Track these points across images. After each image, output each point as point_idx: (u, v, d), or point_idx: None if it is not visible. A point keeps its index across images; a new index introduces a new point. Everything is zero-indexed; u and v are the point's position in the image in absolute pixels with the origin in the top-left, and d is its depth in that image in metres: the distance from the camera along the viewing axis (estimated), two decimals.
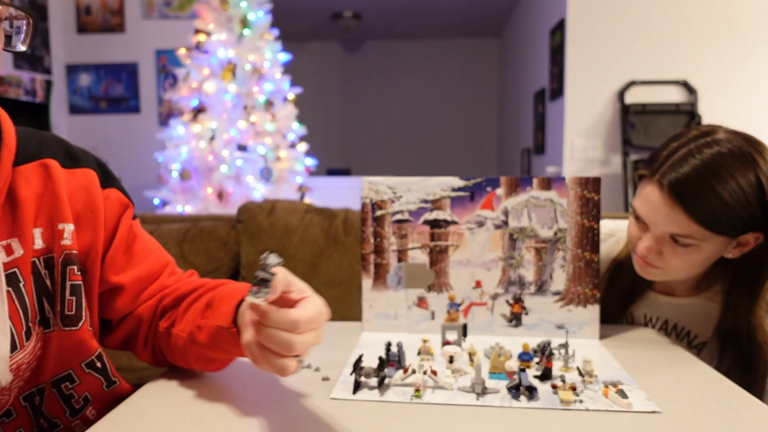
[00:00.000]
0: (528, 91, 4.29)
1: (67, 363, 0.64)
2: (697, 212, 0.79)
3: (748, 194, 0.78)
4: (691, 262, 0.85)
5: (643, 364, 0.77)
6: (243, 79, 3.02)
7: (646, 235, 0.87)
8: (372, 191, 0.94)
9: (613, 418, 0.60)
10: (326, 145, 6.07)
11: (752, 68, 2.97)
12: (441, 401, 0.64)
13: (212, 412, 0.61)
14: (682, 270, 0.87)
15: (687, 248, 0.83)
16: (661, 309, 1.00)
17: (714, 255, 0.85)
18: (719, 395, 0.67)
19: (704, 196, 0.78)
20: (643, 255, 0.87)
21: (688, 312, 0.97)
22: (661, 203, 0.81)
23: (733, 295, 0.90)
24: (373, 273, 0.94)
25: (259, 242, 1.48)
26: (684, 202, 0.79)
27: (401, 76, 6.09)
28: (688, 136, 0.84)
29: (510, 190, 0.91)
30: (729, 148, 0.80)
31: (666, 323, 0.99)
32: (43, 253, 0.60)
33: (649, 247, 0.86)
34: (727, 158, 0.79)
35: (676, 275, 0.89)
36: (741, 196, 0.78)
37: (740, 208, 0.78)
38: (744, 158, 0.79)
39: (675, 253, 0.84)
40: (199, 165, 2.95)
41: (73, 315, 0.62)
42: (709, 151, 0.80)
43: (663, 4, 2.98)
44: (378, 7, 4.95)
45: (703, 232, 0.80)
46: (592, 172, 3.10)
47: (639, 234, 0.89)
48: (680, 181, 0.79)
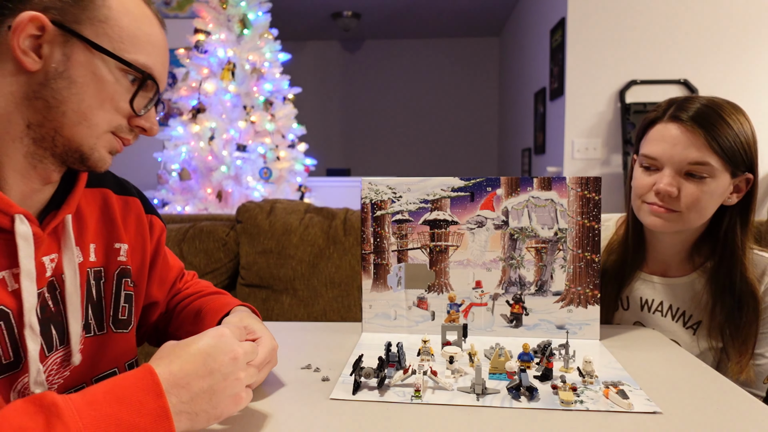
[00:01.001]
0: (528, 90, 4.29)
1: (115, 362, 0.71)
2: (715, 138, 0.87)
3: (746, 134, 0.89)
4: (702, 202, 0.90)
5: (644, 365, 0.77)
6: (242, 79, 3.02)
7: (664, 172, 0.90)
8: (372, 191, 0.94)
9: (613, 418, 0.60)
10: (326, 145, 6.07)
11: (753, 67, 2.97)
12: (441, 402, 0.64)
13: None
14: (696, 209, 0.90)
15: (701, 182, 0.89)
16: (657, 291, 1.02)
17: (719, 197, 0.91)
18: (720, 396, 0.67)
19: (720, 125, 0.87)
20: (665, 191, 0.89)
21: (682, 292, 1.01)
22: (680, 134, 0.89)
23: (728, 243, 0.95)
24: (373, 273, 0.94)
25: (258, 242, 1.47)
26: (705, 128, 0.87)
27: (401, 75, 6.09)
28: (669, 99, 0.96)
29: (510, 190, 0.91)
30: (717, 100, 0.92)
31: (661, 305, 1.02)
32: (94, 266, 0.69)
33: (670, 182, 0.89)
34: (722, 104, 0.90)
35: (688, 218, 0.92)
36: (743, 133, 0.89)
37: (743, 144, 0.88)
38: (734, 106, 0.91)
39: (690, 189, 0.89)
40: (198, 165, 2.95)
41: (125, 320, 0.72)
42: (705, 99, 0.91)
43: (663, 4, 2.98)
44: (378, 6, 4.94)
45: (717, 161, 0.87)
46: (592, 172, 3.10)
47: (651, 181, 0.92)
48: (698, 113, 0.88)
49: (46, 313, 0.62)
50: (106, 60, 0.58)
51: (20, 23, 0.54)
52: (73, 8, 0.56)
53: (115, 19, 0.58)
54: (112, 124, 0.61)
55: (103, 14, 0.57)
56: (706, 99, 0.92)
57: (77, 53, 0.56)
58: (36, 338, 0.58)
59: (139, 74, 0.60)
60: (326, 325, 0.99)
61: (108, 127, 0.60)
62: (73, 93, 0.57)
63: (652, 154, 0.92)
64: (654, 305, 1.02)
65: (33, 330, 0.58)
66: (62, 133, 0.58)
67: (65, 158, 0.60)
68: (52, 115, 0.57)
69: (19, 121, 0.57)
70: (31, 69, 0.55)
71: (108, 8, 0.58)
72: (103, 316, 0.69)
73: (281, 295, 1.46)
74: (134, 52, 0.59)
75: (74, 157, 0.60)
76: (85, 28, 0.56)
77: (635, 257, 1.02)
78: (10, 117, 0.56)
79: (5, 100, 0.56)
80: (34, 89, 0.56)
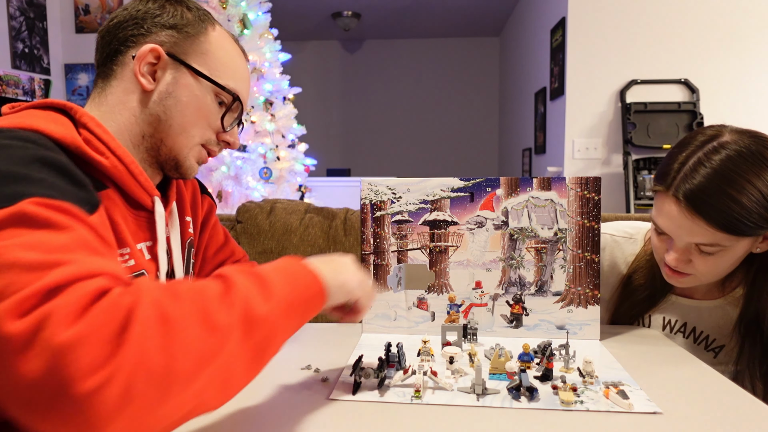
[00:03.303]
0: (528, 90, 4.29)
1: None
2: (718, 221, 0.78)
3: (766, 194, 0.78)
4: (720, 265, 0.85)
5: (644, 365, 0.77)
6: None
7: (672, 248, 0.86)
8: (371, 192, 0.93)
9: (613, 418, 0.60)
10: (326, 145, 6.07)
11: (753, 67, 2.97)
12: (441, 402, 0.64)
13: (213, 412, 0.61)
14: (713, 274, 0.87)
15: (713, 255, 0.83)
16: (682, 312, 0.98)
17: (742, 254, 0.85)
18: (720, 396, 0.67)
19: (723, 203, 0.77)
20: (672, 266, 0.87)
21: (708, 315, 0.96)
22: (682, 217, 0.81)
23: (757, 284, 0.89)
24: (373, 274, 0.94)
25: (258, 242, 1.47)
26: (704, 213, 0.78)
27: (401, 75, 6.09)
28: (694, 144, 0.83)
29: (510, 190, 0.91)
30: (737, 150, 0.79)
31: (684, 326, 0.98)
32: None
33: (677, 259, 0.85)
34: (738, 161, 0.78)
35: (706, 280, 0.89)
36: (759, 197, 0.77)
37: (760, 207, 0.78)
38: (755, 159, 0.78)
39: (703, 260, 0.84)
40: None
41: None
42: (718, 157, 0.79)
43: (663, 4, 2.98)
44: (378, 6, 4.94)
45: (728, 238, 0.80)
46: (593, 172, 3.10)
47: (663, 246, 0.88)
48: (696, 193, 0.79)
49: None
50: (205, 84, 0.72)
51: (143, 53, 0.69)
52: (183, 42, 0.71)
53: (213, 53, 0.73)
54: (204, 137, 0.74)
55: (204, 48, 0.72)
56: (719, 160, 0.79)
57: (183, 77, 0.71)
58: None
59: (230, 96, 0.74)
60: (326, 326, 0.99)
61: (200, 140, 0.74)
62: (179, 110, 0.71)
63: (659, 227, 0.86)
64: (676, 326, 0.99)
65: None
66: (166, 143, 0.72)
67: (165, 165, 0.74)
68: (161, 127, 0.71)
69: (137, 130, 0.71)
70: (147, 89, 0.70)
71: (209, 43, 0.73)
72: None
73: None
74: (226, 78, 0.73)
75: (171, 164, 0.74)
76: (190, 58, 0.71)
77: (666, 284, 0.95)
78: (131, 127, 0.70)
79: (129, 112, 0.70)
80: (149, 105, 0.70)
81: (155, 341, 0.42)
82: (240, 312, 0.49)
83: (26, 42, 3.57)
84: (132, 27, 0.70)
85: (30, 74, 3.77)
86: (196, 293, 0.49)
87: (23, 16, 3.50)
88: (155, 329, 0.42)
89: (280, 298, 0.54)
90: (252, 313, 0.50)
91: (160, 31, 0.70)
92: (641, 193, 2.86)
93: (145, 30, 0.70)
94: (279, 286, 0.55)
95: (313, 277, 0.59)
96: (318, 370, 0.75)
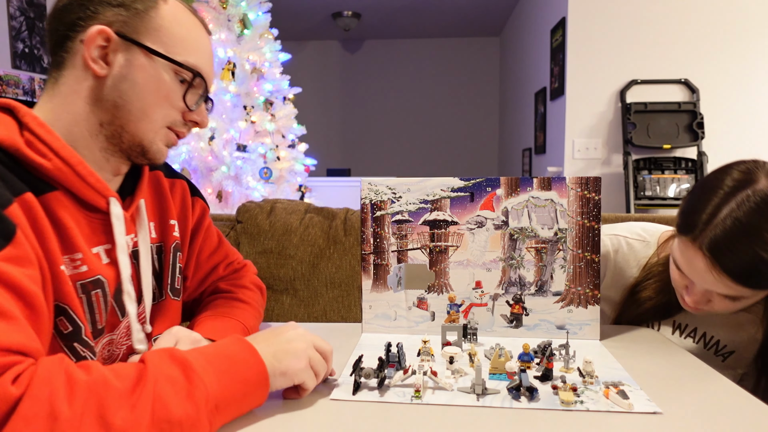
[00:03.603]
0: (529, 90, 4.29)
1: (169, 325, 0.77)
2: (746, 279, 0.75)
3: None
4: (741, 306, 0.84)
5: (644, 365, 0.77)
6: (242, 79, 3.02)
7: (693, 289, 0.84)
8: (372, 192, 0.93)
9: (614, 418, 0.60)
10: (326, 145, 6.07)
11: (753, 67, 2.97)
12: (441, 402, 0.64)
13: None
14: (733, 311, 0.87)
15: (735, 301, 0.82)
16: (694, 317, 0.98)
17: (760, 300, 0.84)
18: (720, 396, 0.67)
19: (753, 263, 0.73)
20: (691, 306, 0.86)
21: (720, 322, 0.96)
22: (706, 270, 0.77)
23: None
24: (373, 274, 0.94)
25: (258, 242, 1.47)
26: (731, 272, 0.75)
27: (401, 75, 6.09)
28: (724, 189, 0.77)
29: (510, 190, 0.91)
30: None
31: (695, 331, 0.98)
32: (155, 242, 0.78)
33: (697, 301, 0.84)
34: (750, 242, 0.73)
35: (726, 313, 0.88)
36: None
37: None
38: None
39: (724, 303, 0.83)
40: (198, 165, 2.95)
41: (179, 288, 0.82)
42: (750, 209, 0.74)
43: (664, 4, 2.98)
44: (378, 6, 4.94)
45: (753, 292, 0.78)
46: (593, 172, 3.10)
47: (683, 282, 0.86)
48: (725, 251, 0.74)
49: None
50: (161, 62, 0.67)
51: (91, 36, 0.64)
52: (133, 20, 0.66)
53: (167, 28, 0.67)
54: (168, 119, 0.69)
55: (157, 24, 0.67)
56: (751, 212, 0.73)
57: (137, 58, 0.66)
58: (133, 303, 0.70)
59: (190, 73, 0.69)
60: (326, 326, 0.99)
61: (165, 122, 0.69)
62: (136, 93, 0.66)
63: (681, 269, 0.83)
64: (687, 330, 0.98)
65: (130, 296, 0.70)
66: (127, 129, 0.67)
67: (130, 152, 0.69)
68: (120, 114, 0.66)
69: (93, 120, 0.66)
70: (100, 74, 0.65)
71: (161, 18, 0.67)
72: (162, 284, 0.79)
73: (281, 296, 1.46)
74: (185, 54, 0.68)
75: (137, 151, 0.69)
76: (143, 36, 0.66)
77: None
78: (87, 117, 0.66)
79: (83, 102, 0.66)
80: (104, 92, 0.65)
81: None
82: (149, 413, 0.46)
83: (26, 42, 3.57)
84: (77, 9, 0.65)
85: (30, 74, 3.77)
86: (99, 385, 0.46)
87: (23, 16, 3.50)
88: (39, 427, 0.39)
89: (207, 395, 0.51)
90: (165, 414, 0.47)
91: (107, 11, 0.65)
92: (641, 193, 2.86)
93: (91, 11, 0.64)
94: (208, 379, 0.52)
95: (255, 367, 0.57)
96: None
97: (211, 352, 0.57)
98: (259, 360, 0.58)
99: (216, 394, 0.53)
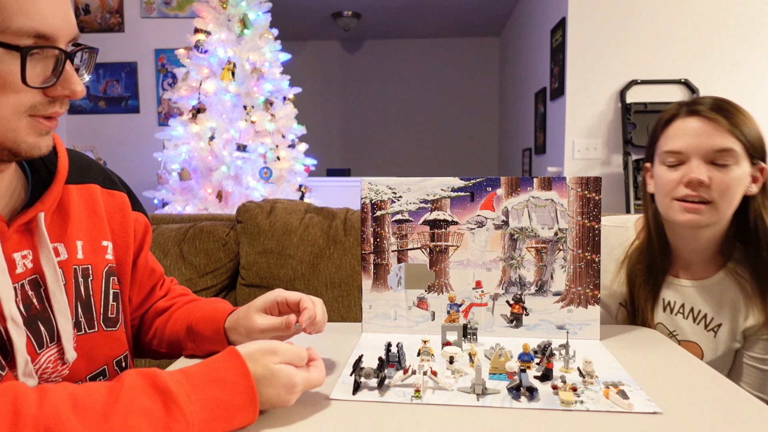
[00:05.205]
0: (529, 90, 4.29)
1: (104, 360, 0.71)
2: (737, 125, 0.91)
3: (757, 125, 0.94)
4: (732, 189, 0.92)
5: (644, 365, 0.77)
6: (242, 79, 3.02)
7: (692, 163, 0.93)
8: (372, 191, 0.93)
9: (613, 418, 0.60)
10: (326, 145, 6.07)
11: (753, 67, 2.97)
12: (441, 402, 0.64)
13: None
14: (726, 198, 0.93)
15: (727, 169, 0.92)
16: (681, 293, 1.03)
17: (744, 184, 0.94)
18: (720, 396, 0.67)
19: (737, 114, 0.93)
20: (698, 180, 0.92)
21: (706, 294, 1.01)
22: (703, 125, 0.93)
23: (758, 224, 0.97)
24: (373, 273, 0.94)
25: (258, 242, 1.47)
26: (726, 117, 0.92)
27: (401, 75, 6.09)
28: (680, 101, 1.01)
29: (510, 190, 0.91)
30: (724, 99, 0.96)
31: (683, 307, 1.03)
32: (82, 264, 0.68)
33: (701, 171, 0.92)
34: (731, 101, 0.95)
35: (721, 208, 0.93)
36: (755, 124, 0.94)
37: (758, 133, 0.94)
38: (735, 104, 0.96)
39: (719, 177, 0.92)
40: (198, 165, 2.95)
41: (114, 318, 0.73)
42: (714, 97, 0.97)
43: (664, 4, 2.98)
44: (378, 6, 4.94)
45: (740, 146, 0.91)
46: (593, 172, 3.10)
47: (678, 176, 0.95)
48: (715, 104, 0.94)
49: (32, 310, 0.62)
50: None
51: None
52: None
53: None
54: (23, 108, 0.54)
55: None
56: (714, 97, 0.97)
57: None
58: (20, 330, 0.58)
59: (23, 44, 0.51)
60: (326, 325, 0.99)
61: (20, 113, 0.54)
62: None
63: (676, 149, 0.95)
64: (676, 307, 1.03)
65: (15, 322, 0.57)
66: None
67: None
68: None
69: None
70: None
71: None
72: (93, 315, 0.69)
73: None
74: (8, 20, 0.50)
75: (4, 155, 0.55)
76: None
77: (663, 263, 1.02)
78: None
79: None
80: None
81: None
82: None
83: None
84: None
85: None
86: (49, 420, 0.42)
87: None
88: None
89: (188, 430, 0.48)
90: None
91: None
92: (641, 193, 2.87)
93: None
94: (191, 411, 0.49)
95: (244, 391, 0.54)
96: None
97: (201, 374, 0.53)
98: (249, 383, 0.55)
99: (199, 427, 0.50)
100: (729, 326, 1.00)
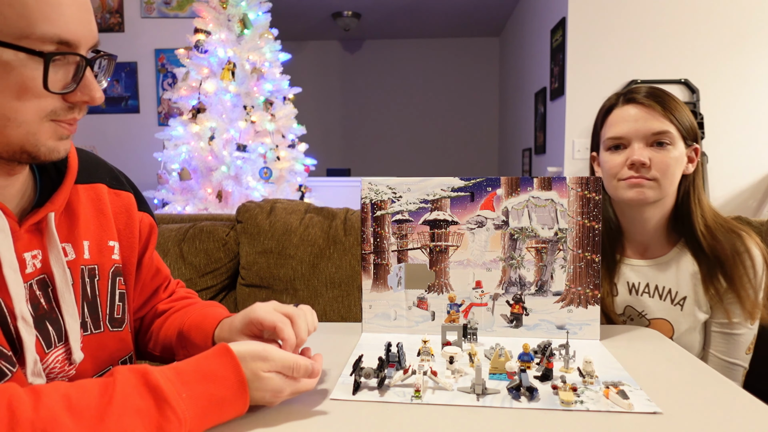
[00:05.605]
0: (529, 90, 4.29)
1: (110, 360, 0.71)
2: (670, 110, 0.99)
3: (688, 111, 1.02)
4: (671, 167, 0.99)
5: (644, 365, 0.77)
6: (242, 79, 3.02)
7: (633, 146, 1.00)
8: (372, 191, 0.93)
9: (613, 418, 0.60)
10: (326, 145, 6.07)
11: (753, 67, 2.97)
12: (441, 402, 0.64)
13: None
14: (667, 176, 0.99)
15: (665, 149, 0.99)
16: (641, 273, 1.07)
17: (681, 163, 1.01)
18: (720, 396, 0.67)
19: (669, 101, 1.01)
20: (639, 161, 0.98)
21: (666, 270, 1.06)
22: (640, 111, 1.00)
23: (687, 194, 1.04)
24: (373, 273, 0.94)
25: (258, 242, 1.47)
26: (660, 103, 1.00)
27: (401, 75, 6.09)
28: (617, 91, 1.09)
29: (510, 190, 0.91)
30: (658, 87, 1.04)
31: (648, 286, 1.06)
32: (88, 264, 0.68)
33: (641, 153, 0.98)
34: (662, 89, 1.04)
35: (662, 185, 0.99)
36: (686, 110, 1.02)
37: (689, 117, 1.02)
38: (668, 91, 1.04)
39: (659, 157, 0.99)
40: (198, 165, 2.95)
41: (120, 318, 0.73)
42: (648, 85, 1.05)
43: (664, 4, 2.98)
44: (378, 6, 4.94)
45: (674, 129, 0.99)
46: None
47: (622, 159, 1.01)
48: (649, 92, 1.02)
49: (39, 310, 0.62)
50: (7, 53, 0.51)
51: None
52: None
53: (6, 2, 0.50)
54: (44, 112, 0.55)
55: None
56: (647, 85, 1.05)
57: None
58: (29, 329, 0.58)
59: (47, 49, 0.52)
60: (326, 325, 0.99)
61: (40, 117, 0.55)
62: None
63: (618, 134, 1.01)
64: (641, 288, 1.07)
65: (26, 321, 0.58)
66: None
67: (18, 158, 0.57)
68: None
69: None
70: None
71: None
72: (100, 315, 0.69)
73: (281, 296, 1.46)
74: (32, 26, 0.51)
75: (24, 158, 0.56)
76: None
77: (616, 244, 1.08)
78: None
79: None
80: None
81: None
82: None
83: None
84: None
85: None
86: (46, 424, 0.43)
87: None
88: None
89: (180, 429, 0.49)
90: None
91: None
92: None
93: None
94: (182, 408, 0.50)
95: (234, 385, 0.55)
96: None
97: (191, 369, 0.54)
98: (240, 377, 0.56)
99: (191, 424, 0.51)
100: (693, 297, 1.04)
